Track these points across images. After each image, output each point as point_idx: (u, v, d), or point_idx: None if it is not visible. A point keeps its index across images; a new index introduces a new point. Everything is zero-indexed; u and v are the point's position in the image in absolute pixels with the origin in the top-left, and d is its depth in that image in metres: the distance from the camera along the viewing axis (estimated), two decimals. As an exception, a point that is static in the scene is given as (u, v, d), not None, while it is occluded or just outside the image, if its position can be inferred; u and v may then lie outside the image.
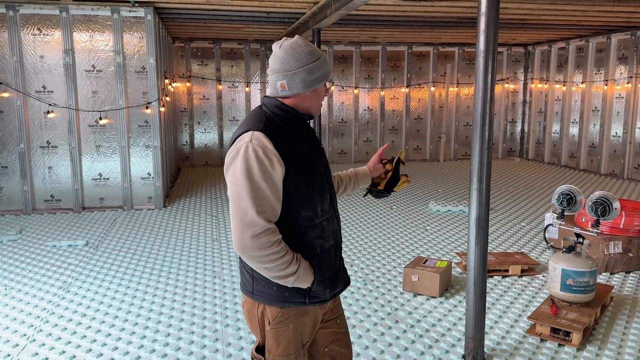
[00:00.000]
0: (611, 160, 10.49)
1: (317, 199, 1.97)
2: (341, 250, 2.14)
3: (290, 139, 1.92)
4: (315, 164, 1.99)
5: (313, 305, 2.00)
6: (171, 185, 9.32)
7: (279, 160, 1.84)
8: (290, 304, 1.96)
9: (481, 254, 3.22)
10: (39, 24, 7.14)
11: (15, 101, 7.17)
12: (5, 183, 7.34)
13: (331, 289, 2.03)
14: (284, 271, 1.86)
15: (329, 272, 2.01)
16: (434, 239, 6.17)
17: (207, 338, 3.73)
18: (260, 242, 1.79)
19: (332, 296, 2.06)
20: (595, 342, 3.66)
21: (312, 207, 1.94)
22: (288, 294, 1.95)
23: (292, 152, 1.90)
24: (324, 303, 2.04)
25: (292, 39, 1.97)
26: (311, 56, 1.94)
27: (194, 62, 11.66)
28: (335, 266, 2.06)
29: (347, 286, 2.16)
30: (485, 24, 3.02)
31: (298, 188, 1.90)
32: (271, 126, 1.91)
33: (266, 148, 1.83)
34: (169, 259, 5.48)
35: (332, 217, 2.06)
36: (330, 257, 2.02)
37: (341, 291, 2.12)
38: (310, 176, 1.95)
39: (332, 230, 2.05)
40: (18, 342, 3.67)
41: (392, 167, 2.36)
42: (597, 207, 4.06)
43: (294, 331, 1.99)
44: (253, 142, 1.84)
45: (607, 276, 4.90)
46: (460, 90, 12.87)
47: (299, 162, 1.91)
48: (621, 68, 10.21)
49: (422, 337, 3.74)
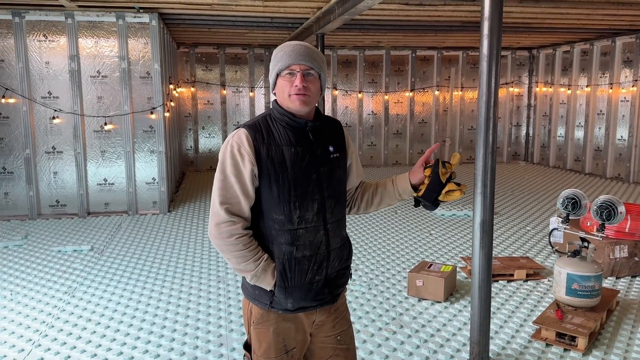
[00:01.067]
0: (617, 163, 10.45)
1: (294, 205, 1.90)
2: (327, 268, 2.00)
3: (274, 140, 1.91)
4: (305, 170, 1.92)
5: (277, 311, 1.97)
6: (176, 190, 9.34)
7: (250, 159, 1.87)
8: (258, 303, 1.99)
9: (486, 258, 3.21)
10: (44, 30, 7.19)
11: (21, 107, 7.22)
12: (11, 188, 7.38)
13: (295, 301, 1.95)
14: (241, 265, 1.90)
15: (296, 282, 1.94)
16: (438, 243, 6.15)
17: (212, 343, 3.73)
18: (221, 231, 1.87)
19: (297, 309, 1.96)
20: (601, 347, 3.63)
21: (286, 211, 1.90)
22: (258, 293, 1.98)
23: (271, 152, 1.89)
24: (288, 313, 1.97)
25: None
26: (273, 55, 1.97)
27: (198, 67, 11.71)
28: (308, 279, 1.95)
29: (323, 305, 2.02)
30: (488, 28, 3.02)
31: (271, 189, 1.89)
32: (259, 125, 1.94)
33: (242, 145, 1.88)
34: (174, 263, 5.49)
35: (317, 228, 1.95)
36: (302, 268, 1.94)
37: (313, 308, 2.00)
38: (288, 180, 1.89)
39: (312, 241, 1.94)
40: (24, 347, 3.68)
41: (430, 172, 2.00)
42: (602, 211, 4.05)
43: (274, 335, 1.98)
44: (234, 138, 1.91)
45: (612, 280, 4.87)
46: (464, 94, 12.87)
47: (276, 164, 1.89)
48: (626, 71, 10.18)
49: (427, 342, 3.72)
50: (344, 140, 2.09)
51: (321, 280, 1.99)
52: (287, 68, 1.90)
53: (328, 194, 1.98)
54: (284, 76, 1.91)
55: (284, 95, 1.92)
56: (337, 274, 2.06)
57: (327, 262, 1.99)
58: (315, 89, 1.94)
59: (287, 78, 1.91)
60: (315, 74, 1.93)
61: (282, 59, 1.90)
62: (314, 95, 1.94)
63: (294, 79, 1.89)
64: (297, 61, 1.88)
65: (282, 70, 1.91)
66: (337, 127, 2.11)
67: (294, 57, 1.89)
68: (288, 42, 1.96)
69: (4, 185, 7.36)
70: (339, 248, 2.05)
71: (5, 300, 4.53)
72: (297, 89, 1.88)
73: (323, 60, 1.97)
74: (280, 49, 1.94)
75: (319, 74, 1.94)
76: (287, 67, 1.89)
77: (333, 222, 2.00)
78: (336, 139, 2.06)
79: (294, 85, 1.89)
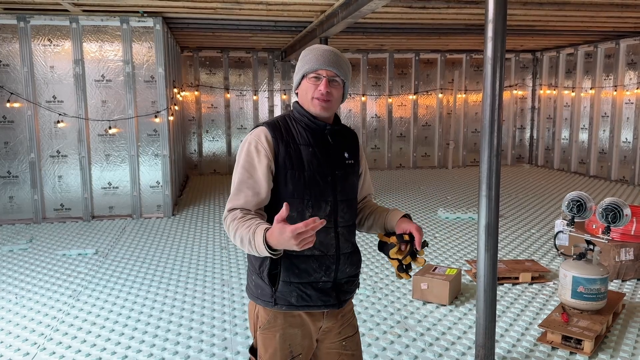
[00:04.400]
0: (621, 166, 10.41)
1: (308, 204, 1.92)
2: (337, 272, 1.99)
3: (292, 139, 1.94)
4: (321, 170, 1.95)
5: (280, 309, 1.95)
6: (180, 194, 9.36)
7: (267, 154, 1.89)
8: (262, 302, 1.98)
9: (491, 261, 3.20)
10: (49, 34, 7.22)
11: (25, 111, 7.25)
12: (16, 192, 7.40)
13: (300, 297, 1.94)
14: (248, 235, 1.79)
15: (301, 279, 1.93)
16: (443, 246, 6.14)
17: (216, 346, 3.72)
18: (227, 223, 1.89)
19: (302, 306, 1.96)
20: (607, 350, 3.61)
21: (299, 209, 1.92)
22: (260, 291, 1.98)
23: (289, 150, 1.92)
24: (292, 309, 1.96)
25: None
26: (301, 56, 1.99)
27: (202, 71, 11.74)
28: (314, 278, 1.95)
29: (328, 307, 2.00)
30: (492, 31, 3.02)
31: (286, 185, 1.92)
32: (278, 123, 1.97)
33: (259, 141, 1.91)
34: (178, 267, 5.49)
35: (328, 230, 1.95)
36: (310, 266, 1.94)
37: (317, 308, 1.98)
38: (304, 179, 1.92)
39: (322, 242, 1.94)
40: (29, 350, 3.69)
41: (395, 240, 1.98)
42: (607, 213, 4.03)
43: (280, 341, 1.97)
44: (252, 135, 1.94)
45: (618, 283, 4.85)
46: (468, 97, 12.85)
47: (294, 162, 1.91)
48: (630, 73, 10.15)
49: (432, 346, 3.71)
50: (358, 149, 2.13)
51: (329, 283, 1.99)
52: (314, 72, 1.93)
53: (341, 197, 2.00)
54: (309, 79, 1.95)
55: (307, 97, 1.96)
56: (348, 280, 2.05)
57: (337, 265, 1.99)
58: (338, 96, 1.98)
59: (312, 81, 1.94)
60: (340, 82, 1.96)
61: (310, 62, 1.94)
62: (336, 101, 1.98)
63: (319, 84, 1.93)
64: (324, 67, 1.91)
65: (309, 73, 1.94)
66: (353, 136, 2.15)
67: (322, 62, 1.92)
68: (318, 46, 2.00)
69: (9, 189, 7.38)
70: (350, 254, 2.04)
71: (11, 303, 4.54)
72: (320, 93, 1.92)
73: (349, 69, 2.01)
74: (310, 51, 1.97)
75: (344, 81, 1.98)
76: (314, 71, 1.93)
77: (344, 226, 2.01)
78: (351, 147, 2.10)
79: (317, 89, 1.92)
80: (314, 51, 1.96)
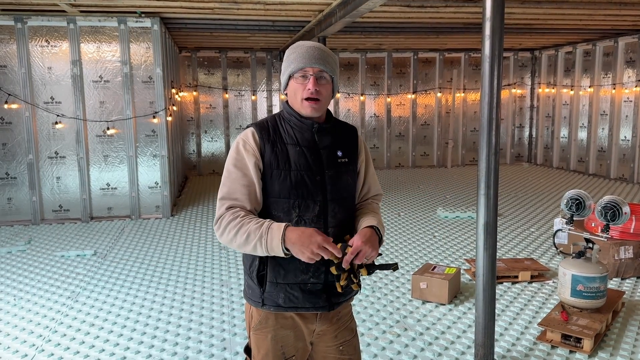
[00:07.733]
0: (620, 164, 10.41)
1: (294, 204, 1.89)
2: (328, 274, 1.90)
3: (280, 138, 1.93)
4: (308, 170, 1.91)
5: (269, 309, 1.94)
6: (178, 194, 9.35)
7: (255, 153, 1.89)
8: (252, 302, 1.98)
9: (490, 260, 3.19)
10: (47, 35, 7.21)
11: (23, 112, 7.23)
12: (14, 193, 7.39)
13: (287, 298, 1.91)
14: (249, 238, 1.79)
15: (288, 280, 1.90)
16: (442, 245, 6.13)
17: (215, 347, 3.71)
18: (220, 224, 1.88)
19: (290, 307, 1.92)
20: (607, 349, 3.61)
21: (285, 210, 1.89)
22: (251, 291, 1.99)
23: (276, 150, 1.91)
24: (281, 311, 1.93)
25: None
26: (285, 55, 1.96)
27: (200, 71, 11.73)
28: (301, 279, 1.91)
29: (317, 310, 1.95)
30: (490, 29, 3.01)
31: (272, 185, 1.90)
32: (266, 123, 1.97)
33: (247, 141, 1.92)
34: (177, 267, 5.48)
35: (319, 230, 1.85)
36: (297, 267, 1.89)
37: (306, 310, 1.94)
38: (290, 179, 1.89)
39: None
40: (27, 352, 3.68)
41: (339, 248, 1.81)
42: (606, 211, 4.02)
43: (272, 342, 1.96)
44: (241, 136, 1.95)
45: (618, 281, 4.84)
46: (467, 96, 12.85)
47: (280, 161, 1.89)
48: (629, 71, 10.15)
49: (432, 345, 3.70)
50: (357, 146, 2.06)
51: (319, 285, 1.93)
52: (300, 70, 1.90)
53: (331, 197, 1.94)
54: (296, 78, 1.91)
55: (296, 98, 1.92)
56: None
57: (327, 267, 1.90)
58: (327, 93, 1.94)
59: (300, 81, 1.91)
60: (328, 77, 1.93)
61: (295, 60, 1.90)
62: (326, 99, 1.94)
63: (306, 82, 1.89)
64: (310, 64, 1.88)
65: (295, 72, 1.91)
66: (352, 133, 2.08)
67: (308, 59, 1.88)
68: (301, 43, 1.94)
69: (7, 191, 7.37)
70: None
71: (9, 305, 4.53)
72: (309, 92, 1.88)
73: (336, 63, 1.97)
74: (294, 50, 1.93)
75: (332, 76, 1.94)
76: (300, 70, 1.89)
77: (335, 226, 1.94)
78: (347, 144, 2.03)
79: (306, 88, 1.89)
80: (297, 49, 1.91)
